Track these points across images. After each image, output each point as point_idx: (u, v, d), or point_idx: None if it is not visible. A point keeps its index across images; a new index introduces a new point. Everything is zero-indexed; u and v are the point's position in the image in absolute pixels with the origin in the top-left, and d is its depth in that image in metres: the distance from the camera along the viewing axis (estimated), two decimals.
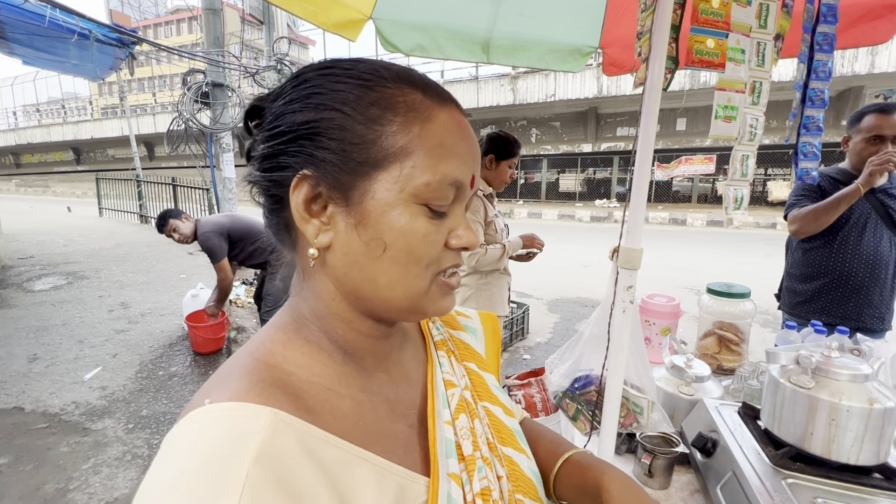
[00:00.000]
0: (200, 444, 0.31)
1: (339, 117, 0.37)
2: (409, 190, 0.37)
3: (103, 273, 5.72)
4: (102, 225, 9.84)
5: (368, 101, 0.38)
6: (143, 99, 35.40)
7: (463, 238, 0.41)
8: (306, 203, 0.38)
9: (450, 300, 0.43)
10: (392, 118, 0.38)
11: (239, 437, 0.31)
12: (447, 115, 0.40)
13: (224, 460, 0.30)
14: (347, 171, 0.37)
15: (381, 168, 0.37)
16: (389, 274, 0.38)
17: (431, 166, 0.38)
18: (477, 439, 0.45)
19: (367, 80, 0.39)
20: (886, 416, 0.78)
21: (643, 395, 1.00)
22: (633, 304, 0.91)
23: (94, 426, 2.59)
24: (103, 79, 5.48)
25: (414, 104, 0.39)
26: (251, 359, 0.39)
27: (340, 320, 0.42)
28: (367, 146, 0.37)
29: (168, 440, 0.33)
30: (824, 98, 1.19)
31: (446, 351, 0.53)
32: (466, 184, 0.41)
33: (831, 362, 0.84)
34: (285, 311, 0.45)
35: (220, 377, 0.37)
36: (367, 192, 0.37)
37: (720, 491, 0.87)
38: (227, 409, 0.33)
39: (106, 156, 28.31)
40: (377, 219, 0.37)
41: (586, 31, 2.00)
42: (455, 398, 0.47)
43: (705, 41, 0.93)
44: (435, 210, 0.39)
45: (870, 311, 1.84)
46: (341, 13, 1.76)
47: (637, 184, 0.89)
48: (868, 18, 1.61)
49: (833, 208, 1.76)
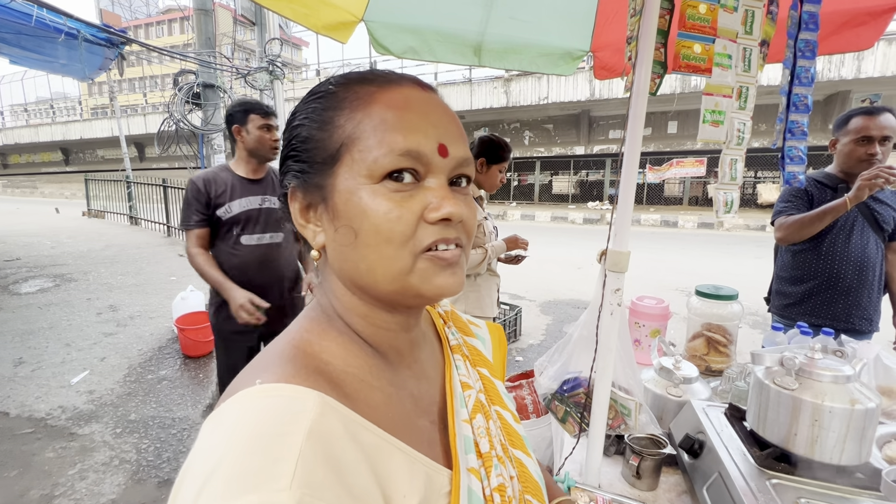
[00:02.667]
0: (255, 417, 0.33)
1: (303, 130, 0.43)
2: (363, 172, 0.39)
3: (91, 275, 5.64)
4: (91, 226, 9.72)
5: (322, 107, 0.42)
6: (133, 99, 35.05)
7: (441, 208, 0.39)
8: (302, 212, 0.44)
9: (447, 277, 0.41)
10: (339, 114, 0.41)
11: (292, 415, 0.33)
12: (393, 93, 0.41)
13: (279, 434, 0.32)
14: (316, 172, 0.42)
15: (338, 161, 0.41)
16: (366, 258, 0.40)
17: (378, 141, 0.39)
18: (492, 439, 0.47)
19: (318, 92, 0.44)
20: (868, 416, 0.79)
21: (631, 397, 1.00)
22: (620, 307, 0.92)
23: (80, 431, 2.55)
24: (92, 79, 5.42)
25: (357, 95, 0.41)
26: (290, 346, 0.41)
27: (357, 315, 0.45)
28: (324, 146, 0.41)
29: (217, 416, 0.34)
30: (808, 103, 1.20)
31: (461, 355, 0.54)
32: (427, 152, 0.39)
33: (814, 364, 0.86)
34: (315, 305, 0.47)
35: (265, 362, 0.40)
36: (333, 187, 0.41)
37: (706, 492, 0.88)
38: (278, 390, 0.35)
39: (95, 156, 27.97)
40: (343, 207, 0.40)
41: (577, 34, 2.02)
42: (471, 399, 0.49)
43: (692, 46, 0.94)
44: (397, 183, 0.39)
45: (858, 312, 1.87)
46: (332, 15, 1.75)
47: (624, 187, 0.90)
48: (851, 25, 1.63)
49: (818, 220, 1.79)
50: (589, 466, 0.98)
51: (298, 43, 40.62)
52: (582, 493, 0.94)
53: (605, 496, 0.94)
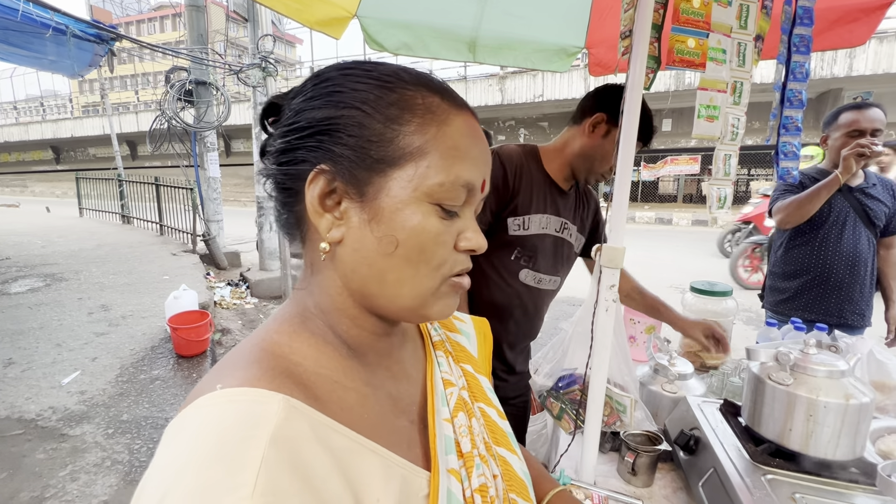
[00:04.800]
0: (214, 425, 0.31)
1: (358, 115, 0.39)
2: (423, 189, 0.38)
3: (83, 275, 5.58)
4: (82, 225, 9.61)
5: (388, 101, 0.39)
6: (125, 97, 34.68)
7: (472, 240, 0.42)
8: (321, 197, 0.39)
9: (454, 302, 0.44)
10: (410, 119, 0.39)
11: (254, 420, 0.32)
12: (462, 120, 0.41)
13: (240, 441, 0.30)
14: (364, 167, 0.38)
15: (397, 166, 0.38)
16: (399, 271, 0.39)
17: (446, 167, 0.39)
18: (475, 437, 0.46)
19: (388, 82, 0.40)
20: (862, 411, 0.80)
21: (626, 393, 1.00)
22: (615, 303, 0.91)
23: (72, 432, 2.52)
24: (82, 76, 5.35)
25: (431, 107, 0.40)
26: (257, 349, 0.39)
27: (345, 316, 0.43)
28: (384, 144, 0.38)
29: (177, 423, 0.33)
30: (802, 99, 1.20)
31: (444, 351, 0.54)
32: (478, 187, 0.42)
33: (809, 359, 0.85)
34: (289, 304, 0.45)
35: (228, 365, 0.38)
36: (382, 189, 0.38)
37: (702, 488, 0.88)
38: (240, 394, 0.34)
39: (87, 155, 27.66)
40: (391, 215, 0.38)
41: (572, 31, 2.01)
42: (454, 397, 0.48)
43: (686, 41, 0.94)
44: (447, 210, 0.40)
45: (850, 307, 1.88)
46: (325, 11, 1.74)
47: (619, 183, 0.89)
48: (844, 21, 1.64)
49: (815, 197, 1.79)
50: (584, 463, 0.98)
51: (292, 40, 40.35)
52: (577, 490, 0.93)
53: (601, 493, 0.93)
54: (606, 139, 1.22)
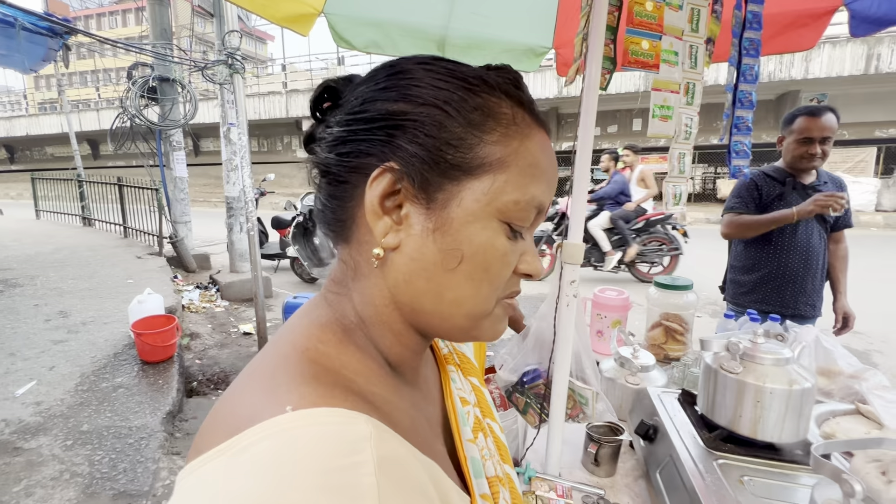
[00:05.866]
0: (310, 452, 0.27)
1: (439, 114, 0.35)
2: (497, 205, 0.36)
3: (39, 280, 5.31)
4: (39, 228, 9.13)
5: (472, 104, 0.36)
6: (85, 93, 33.13)
7: (531, 264, 0.40)
8: (382, 197, 0.35)
9: (505, 325, 0.42)
10: (494, 127, 0.36)
11: (351, 444, 0.28)
12: (542, 137, 0.39)
13: (347, 469, 0.26)
14: (438, 171, 0.35)
15: (474, 176, 0.35)
16: (459, 289, 0.36)
17: (523, 185, 0.36)
18: (493, 459, 0.45)
19: (473, 84, 0.37)
20: (804, 396, 0.84)
21: (588, 386, 1.03)
22: (576, 298, 0.93)
23: (26, 445, 2.40)
24: (35, 71, 5.07)
25: (516, 118, 0.37)
26: (307, 361, 0.34)
27: (390, 331, 0.39)
28: (463, 150, 0.35)
29: (237, 456, 0.27)
30: (752, 100, 1.26)
31: (454, 365, 0.51)
32: (546, 208, 0.40)
33: (757, 348, 0.90)
34: (323, 307, 0.40)
35: (278, 381, 0.32)
36: (453, 198, 0.35)
37: (659, 475, 0.91)
38: (324, 415, 0.29)
39: (44, 154, 26.30)
40: (459, 228, 0.35)
41: (539, 31, 2.04)
42: (471, 416, 0.46)
43: (640, 42, 0.97)
44: (514, 230, 0.37)
45: (804, 299, 1.98)
46: (291, 7, 1.71)
47: (577, 182, 0.91)
48: (795, 26, 1.72)
49: (763, 226, 1.93)
50: (549, 456, 1.00)
51: (263, 36, 39.43)
52: (542, 482, 0.95)
53: (565, 484, 0.95)
54: None
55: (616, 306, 1.70)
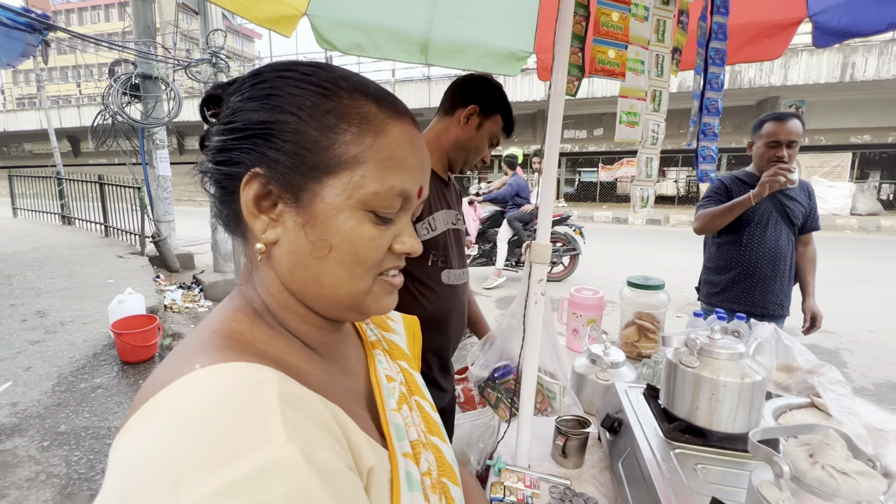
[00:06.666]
0: (216, 392, 0.30)
1: (294, 121, 0.39)
2: (358, 197, 0.39)
3: (16, 279, 5.19)
4: (16, 226, 8.91)
5: (325, 108, 0.39)
6: (65, 89, 32.41)
7: (406, 244, 0.44)
8: (256, 199, 0.40)
9: (392, 299, 0.46)
10: (346, 128, 0.39)
11: (256, 383, 0.31)
12: (400, 129, 0.42)
13: (250, 401, 0.30)
14: (299, 173, 0.39)
15: (332, 174, 0.39)
16: (333, 273, 0.40)
17: (380, 177, 0.40)
18: (417, 427, 0.49)
19: (325, 89, 0.40)
20: (755, 388, 0.89)
21: (556, 381, 1.06)
22: (544, 296, 0.97)
23: (1, 446, 2.36)
24: (13, 66, 4.97)
25: (368, 116, 0.41)
26: (219, 336, 0.39)
27: (291, 312, 0.43)
28: (320, 152, 0.39)
29: (158, 406, 0.31)
30: (718, 107, 1.31)
31: (381, 349, 0.56)
32: (414, 194, 0.43)
33: (714, 344, 0.94)
34: (235, 298, 0.45)
35: (193, 353, 0.36)
36: (316, 195, 0.39)
37: (621, 465, 0.95)
38: (229, 367, 0.33)
39: (22, 151, 25.65)
40: (325, 221, 0.39)
41: (520, 36, 2.08)
42: (396, 391, 0.51)
43: (607, 51, 1.01)
44: (382, 217, 0.41)
45: (772, 298, 2.06)
46: (274, 8, 1.72)
47: (545, 184, 0.95)
48: (762, 37, 1.79)
49: (727, 213, 1.98)
50: (519, 448, 1.03)
51: (250, 34, 38.97)
52: (511, 473, 0.99)
53: (534, 475, 0.99)
54: (480, 131, 1.24)
55: (591, 305, 1.74)
